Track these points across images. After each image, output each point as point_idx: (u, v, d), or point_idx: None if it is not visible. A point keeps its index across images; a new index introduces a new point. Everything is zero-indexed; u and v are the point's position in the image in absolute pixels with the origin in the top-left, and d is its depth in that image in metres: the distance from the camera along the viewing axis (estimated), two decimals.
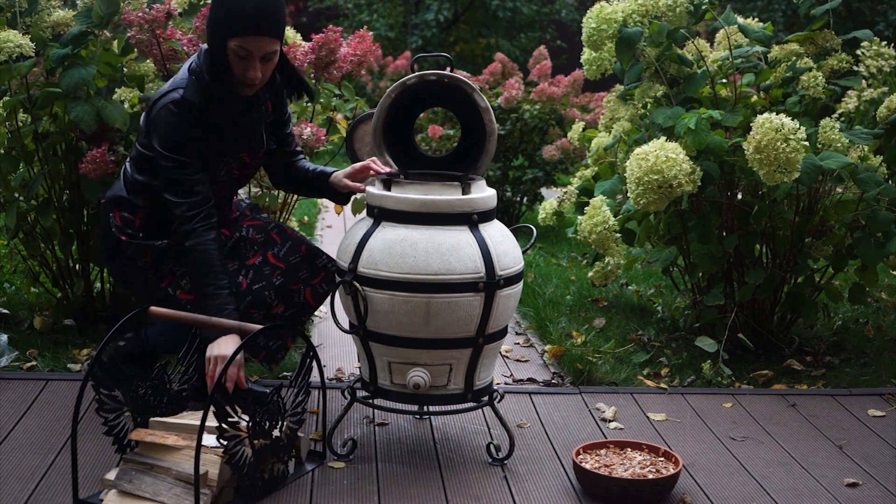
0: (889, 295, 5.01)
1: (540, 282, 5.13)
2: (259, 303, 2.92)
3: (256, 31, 2.69)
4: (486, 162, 2.96)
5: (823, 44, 3.89)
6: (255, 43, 2.71)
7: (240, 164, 2.96)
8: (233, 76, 2.77)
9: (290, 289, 2.99)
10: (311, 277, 3.05)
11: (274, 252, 3.03)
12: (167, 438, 2.59)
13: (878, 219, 3.59)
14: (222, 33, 2.71)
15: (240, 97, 2.83)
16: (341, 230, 6.78)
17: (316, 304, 3.06)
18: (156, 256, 2.91)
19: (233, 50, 2.72)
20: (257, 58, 2.73)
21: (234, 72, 2.76)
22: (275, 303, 2.96)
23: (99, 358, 2.59)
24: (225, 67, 2.75)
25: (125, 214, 2.95)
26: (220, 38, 2.72)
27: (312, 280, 3.04)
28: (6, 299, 4.30)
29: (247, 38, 2.70)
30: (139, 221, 2.94)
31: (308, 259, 3.06)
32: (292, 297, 3.00)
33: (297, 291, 3.01)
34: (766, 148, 3.30)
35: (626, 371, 3.76)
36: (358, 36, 3.83)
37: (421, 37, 12.70)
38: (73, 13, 3.67)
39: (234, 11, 2.68)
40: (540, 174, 6.68)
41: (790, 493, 2.81)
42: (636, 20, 3.76)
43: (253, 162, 2.99)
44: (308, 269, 3.05)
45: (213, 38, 2.75)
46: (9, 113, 3.67)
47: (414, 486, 2.76)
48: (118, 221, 2.94)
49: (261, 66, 2.75)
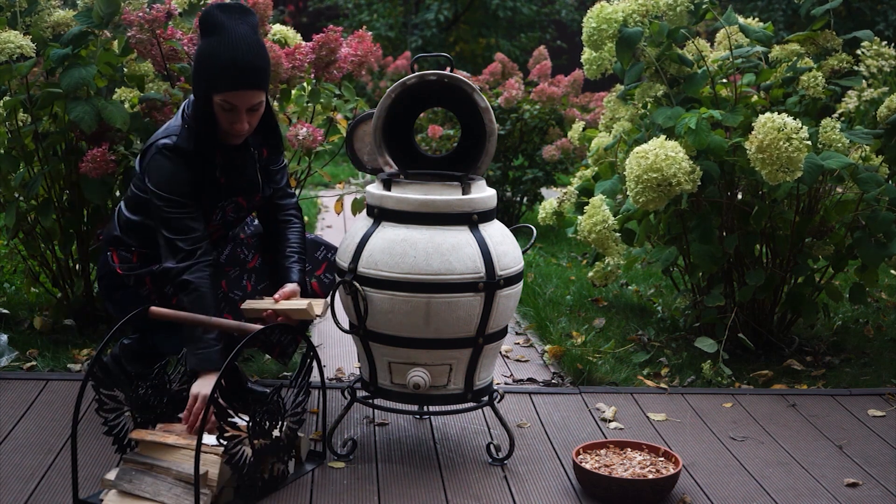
0: (889, 295, 5.01)
1: (540, 282, 5.13)
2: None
3: (240, 85, 2.69)
4: (486, 162, 2.96)
5: (824, 44, 3.89)
6: (239, 98, 2.71)
7: (235, 206, 2.95)
8: (219, 127, 2.78)
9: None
10: (314, 269, 3.09)
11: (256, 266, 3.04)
12: (167, 438, 2.59)
13: (878, 219, 3.59)
14: (206, 88, 2.72)
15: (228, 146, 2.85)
16: (341, 230, 6.78)
17: (324, 293, 3.07)
18: (154, 282, 2.93)
19: (218, 104, 2.72)
20: (243, 110, 2.74)
21: (221, 124, 2.77)
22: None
23: (99, 358, 2.60)
24: (211, 119, 2.76)
25: (122, 253, 2.97)
26: (205, 93, 2.73)
27: (316, 271, 3.08)
28: (6, 299, 4.30)
29: (230, 93, 2.70)
30: (136, 258, 2.96)
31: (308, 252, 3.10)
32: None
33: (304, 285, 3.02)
34: (769, 147, 3.30)
35: (626, 371, 3.76)
36: (358, 36, 3.83)
37: (421, 37, 12.70)
38: (73, 13, 3.67)
39: (216, 68, 2.68)
40: (540, 174, 6.68)
41: (790, 493, 2.81)
42: (636, 20, 3.76)
43: (249, 205, 2.99)
44: (309, 261, 3.08)
45: (198, 92, 2.76)
46: (9, 113, 3.67)
47: (414, 486, 2.76)
48: (115, 260, 2.97)
49: (247, 116, 2.76)
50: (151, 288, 2.94)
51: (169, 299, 2.91)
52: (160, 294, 2.93)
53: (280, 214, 3.06)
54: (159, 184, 2.78)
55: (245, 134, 2.81)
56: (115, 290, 3.00)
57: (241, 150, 2.89)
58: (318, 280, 3.08)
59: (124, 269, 2.95)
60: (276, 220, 3.06)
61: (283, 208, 3.07)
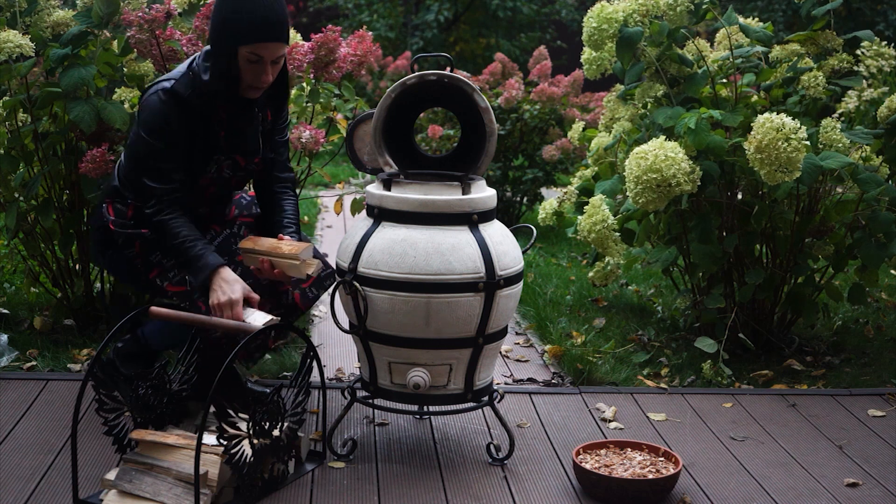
0: (889, 295, 5.01)
1: (540, 282, 5.13)
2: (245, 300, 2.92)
3: (268, 37, 2.75)
4: (486, 162, 2.96)
5: (824, 44, 3.89)
6: (266, 49, 2.76)
7: (232, 165, 2.97)
8: (241, 81, 2.81)
9: (278, 290, 2.98)
10: (302, 281, 3.02)
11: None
12: (167, 438, 2.59)
13: (878, 219, 3.59)
14: (233, 40, 2.75)
15: (242, 100, 2.87)
16: (341, 230, 6.78)
17: (304, 306, 3.05)
18: (144, 247, 2.94)
19: (244, 56, 2.76)
20: (268, 62, 2.79)
21: (245, 77, 2.80)
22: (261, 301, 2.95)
23: (99, 358, 2.60)
24: (233, 72, 2.79)
25: (118, 206, 2.99)
26: (231, 45, 2.76)
27: (302, 283, 3.02)
28: (6, 299, 4.30)
29: (259, 44, 2.75)
30: (131, 212, 2.97)
31: None
32: (280, 298, 2.99)
33: (285, 293, 3.00)
34: (767, 147, 3.30)
35: (626, 371, 3.76)
36: (358, 36, 3.83)
37: (421, 37, 12.70)
38: (73, 13, 3.67)
39: (245, 20, 2.73)
40: (540, 174, 6.68)
41: (790, 493, 2.81)
42: (637, 20, 3.76)
43: (247, 166, 3.00)
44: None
45: (222, 45, 2.78)
46: (9, 113, 3.67)
47: (414, 486, 2.76)
48: (111, 212, 2.98)
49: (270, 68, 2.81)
50: (139, 251, 2.94)
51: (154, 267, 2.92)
52: (146, 261, 2.94)
53: (276, 186, 3.10)
54: (146, 123, 2.82)
55: (266, 86, 2.85)
56: (107, 247, 3.01)
57: (245, 109, 2.91)
58: (301, 292, 3.02)
59: (117, 224, 2.95)
60: (272, 191, 3.09)
61: (282, 181, 3.11)
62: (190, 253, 2.80)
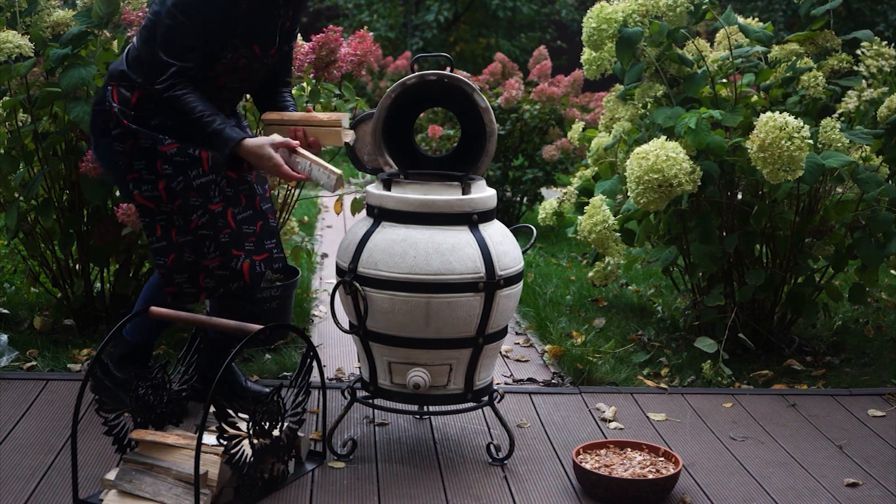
0: (889, 295, 5.01)
1: (540, 282, 5.13)
2: (198, 246, 2.95)
3: None
4: (486, 162, 2.96)
5: (824, 44, 3.89)
6: None
7: (248, 54, 2.97)
8: None
9: (231, 252, 2.97)
10: (255, 252, 3.02)
11: (234, 211, 3.00)
12: (167, 438, 2.59)
13: (878, 219, 3.59)
14: None
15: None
16: (341, 230, 6.78)
17: (251, 280, 3.02)
18: (134, 148, 2.95)
19: None
20: None
21: None
22: (212, 255, 2.96)
23: (99, 358, 2.60)
24: None
25: (122, 91, 2.98)
26: None
27: (255, 255, 3.02)
28: (6, 299, 4.30)
29: None
30: (135, 99, 2.96)
31: (259, 236, 3.04)
32: (231, 260, 2.97)
33: (237, 257, 2.97)
34: (770, 146, 3.30)
35: (626, 371, 3.76)
36: (358, 36, 3.83)
37: (421, 37, 12.70)
38: (73, 13, 3.67)
39: None
40: (540, 174, 6.68)
41: (790, 493, 2.81)
42: (636, 20, 3.76)
43: (262, 58, 3.01)
44: (255, 244, 3.03)
45: None
46: (9, 113, 3.67)
47: (414, 486, 2.76)
48: (115, 97, 2.98)
49: None
50: (127, 151, 2.95)
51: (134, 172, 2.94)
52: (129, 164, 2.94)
53: (281, 89, 3.17)
54: (180, 3, 2.84)
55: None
56: (103, 135, 3.02)
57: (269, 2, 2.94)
58: (251, 263, 3.01)
59: (119, 110, 2.95)
60: (275, 95, 3.16)
61: (286, 85, 3.20)
62: (209, 128, 2.83)
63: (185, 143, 2.93)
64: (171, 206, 2.93)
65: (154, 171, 2.93)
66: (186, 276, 2.97)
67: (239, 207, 3.03)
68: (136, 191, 2.95)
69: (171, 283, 2.99)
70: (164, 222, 2.95)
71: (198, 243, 2.94)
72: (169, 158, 2.91)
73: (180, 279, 2.98)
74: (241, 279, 2.99)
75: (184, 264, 2.96)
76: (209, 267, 2.97)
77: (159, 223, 2.95)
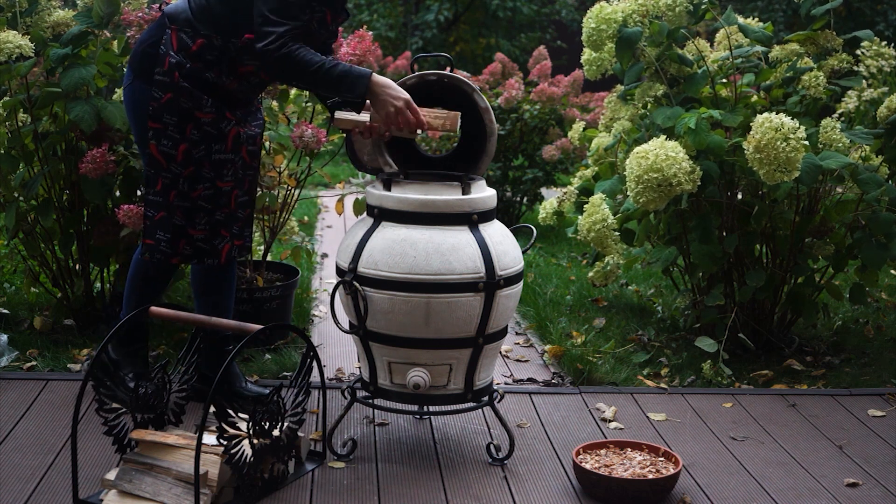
0: (889, 295, 5.01)
1: (540, 282, 5.13)
2: (191, 215, 2.98)
3: None
4: (486, 162, 2.96)
5: (824, 44, 3.89)
6: None
7: (321, 19, 2.94)
8: None
9: (220, 231, 3.05)
10: (236, 237, 3.11)
11: (238, 194, 3.09)
12: (167, 438, 2.59)
13: (879, 220, 3.59)
14: None
15: None
16: (341, 230, 6.77)
17: (225, 261, 3.09)
18: (171, 102, 2.91)
19: None
20: None
21: None
22: (200, 227, 3.01)
23: (99, 358, 2.60)
24: None
25: (183, 37, 2.92)
26: None
27: (236, 240, 3.11)
28: (6, 299, 4.30)
29: None
30: (196, 47, 2.92)
31: (244, 223, 3.15)
32: (216, 238, 3.05)
33: (222, 238, 3.06)
34: (766, 147, 3.30)
35: (626, 371, 3.76)
36: (357, 35, 3.83)
37: (421, 37, 12.70)
38: (73, 13, 3.67)
39: None
40: (540, 174, 6.67)
41: (790, 493, 2.81)
42: (636, 20, 3.76)
43: (330, 25, 2.98)
44: (239, 229, 3.13)
45: None
46: (9, 113, 3.67)
47: (414, 486, 2.76)
48: (174, 43, 2.92)
49: None
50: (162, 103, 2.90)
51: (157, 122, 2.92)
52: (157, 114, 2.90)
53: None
54: None
55: None
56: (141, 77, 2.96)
57: None
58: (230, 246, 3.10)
59: (176, 61, 2.89)
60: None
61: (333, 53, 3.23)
62: (335, 72, 2.78)
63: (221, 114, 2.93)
64: (183, 169, 2.95)
65: (181, 132, 2.93)
66: (169, 236, 3.00)
67: (242, 191, 3.09)
68: (154, 141, 2.94)
69: (150, 236, 3.02)
70: (168, 181, 2.97)
71: (192, 212, 2.99)
72: (201, 126, 2.92)
73: (161, 236, 3.01)
74: (217, 258, 3.07)
75: (170, 225, 2.99)
76: (193, 237, 3.02)
77: (163, 179, 2.96)
